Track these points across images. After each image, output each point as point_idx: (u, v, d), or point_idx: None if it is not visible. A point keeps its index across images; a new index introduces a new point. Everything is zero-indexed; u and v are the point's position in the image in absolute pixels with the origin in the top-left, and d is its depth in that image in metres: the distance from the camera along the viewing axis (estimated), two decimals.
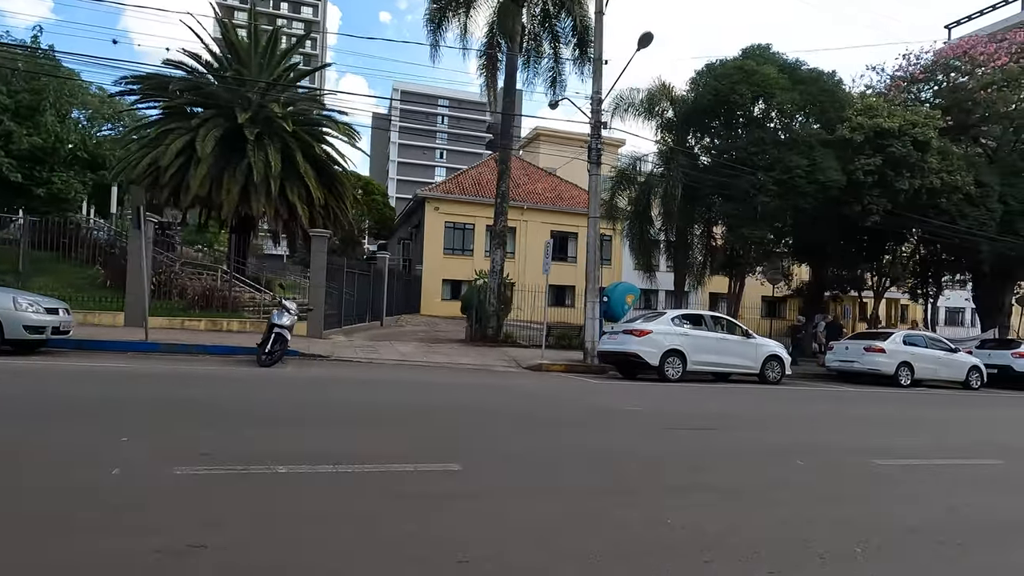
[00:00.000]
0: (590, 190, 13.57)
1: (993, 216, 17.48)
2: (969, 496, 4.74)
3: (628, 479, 4.44)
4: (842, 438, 7.05)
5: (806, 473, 5.12)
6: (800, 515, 3.84)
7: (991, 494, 4.93)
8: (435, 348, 14.30)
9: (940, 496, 4.67)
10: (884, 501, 4.38)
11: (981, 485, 5.25)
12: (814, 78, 15.56)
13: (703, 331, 11.59)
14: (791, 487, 4.58)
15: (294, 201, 18.29)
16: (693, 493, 4.16)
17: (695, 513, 3.67)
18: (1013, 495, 4.95)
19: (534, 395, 8.67)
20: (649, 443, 5.84)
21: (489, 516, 3.43)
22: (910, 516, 4.02)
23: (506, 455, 4.88)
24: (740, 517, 3.68)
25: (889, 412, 9.67)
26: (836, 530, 3.57)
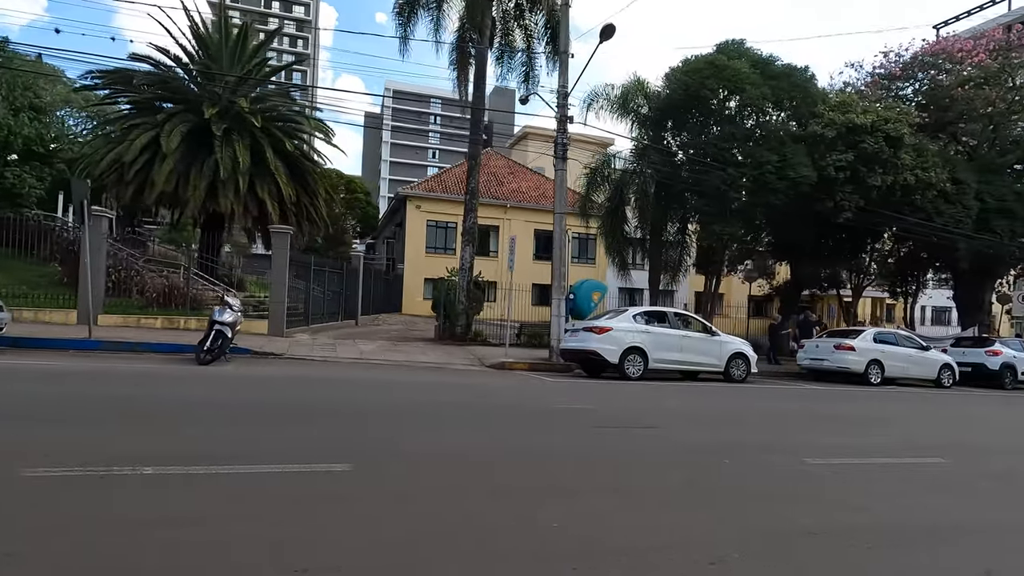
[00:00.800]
0: (556, 186, 13.35)
1: (969, 213, 17.34)
2: (894, 496, 4.53)
3: (531, 480, 4.20)
4: (785, 437, 6.84)
5: (728, 473, 4.90)
6: (696, 518, 3.62)
7: (919, 494, 4.72)
8: (399, 347, 14.04)
9: (861, 497, 4.46)
10: (797, 502, 4.17)
11: (913, 485, 5.04)
12: (786, 73, 15.38)
13: (666, 328, 11.37)
14: (704, 488, 4.35)
15: (264, 198, 18.00)
16: (594, 495, 3.94)
17: (585, 517, 3.45)
18: (941, 495, 4.74)
19: (480, 394, 8.44)
20: (575, 443, 5.61)
21: (356, 519, 3.20)
22: (817, 517, 3.81)
23: (408, 455, 4.64)
24: (630, 520, 3.45)
25: (847, 410, 9.47)
26: (726, 533, 3.35)
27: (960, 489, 4.98)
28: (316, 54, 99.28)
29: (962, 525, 3.92)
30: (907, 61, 20.34)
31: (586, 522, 3.36)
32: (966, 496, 4.80)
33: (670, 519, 3.56)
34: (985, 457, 6.53)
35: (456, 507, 3.47)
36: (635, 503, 3.85)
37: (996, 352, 15.22)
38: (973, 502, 4.60)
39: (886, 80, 20.73)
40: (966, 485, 5.16)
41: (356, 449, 4.66)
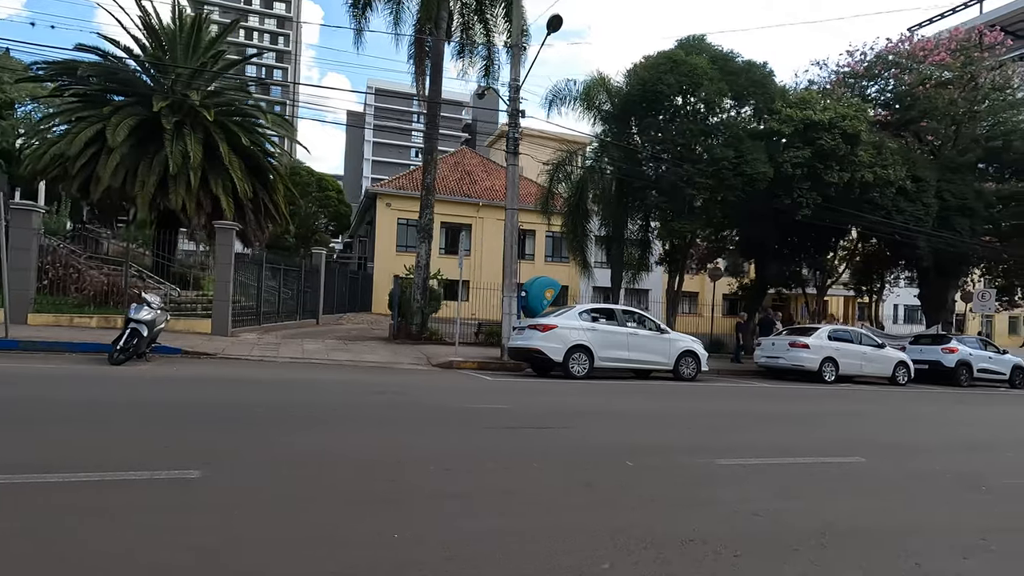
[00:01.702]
0: (507, 181, 13.08)
1: (929, 211, 17.37)
2: (797, 498, 4.31)
3: (404, 484, 3.90)
4: (711, 437, 6.62)
5: (630, 476, 4.65)
6: (578, 523, 3.35)
7: (824, 496, 4.50)
8: (349, 346, 13.68)
9: (762, 499, 4.22)
10: (692, 506, 3.92)
11: (819, 486, 4.82)
12: (745, 69, 15.25)
13: (613, 326, 11.14)
14: (599, 492, 4.07)
15: (218, 194, 17.48)
16: (473, 498, 3.67)
17: (450, 523, 3.17)
18: (848, 496, 4.52)
19: (404, 393, 8.12)
20: (477, 443, 5.32)
21: (166, 530, 2.88)
22: (705, 523, 3.56)
23: (277, 459, 4.31)
24: (504, 525, 3.19)
25: (787, 409, 9.31)
26: (604, 540, 3.09)
27: (870, 489, 4.78)
28: (298, 51, 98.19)
29: (857, 528, 3.70)
30: (872, 60, 20.39)
31: (447, 530, 3.08)
32: (873, 496, 4.60)
33: (548, 524, 3.29)
34: (909, 456, 6.35)
35: (291, 514, 3.17)
36: (516, 508, 3.57)
37: (952, 350, 15.24)
38: (878, 503, 4.39)
39: (852, 79, 20.76)
40: (878, 485, 4.96)
41: (219, 454, 4.33)
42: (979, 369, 15.41)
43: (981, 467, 5.95)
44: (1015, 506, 4.52)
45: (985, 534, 3.79)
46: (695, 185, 14.20)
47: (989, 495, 4.82)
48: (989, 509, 4.38)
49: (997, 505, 4.51)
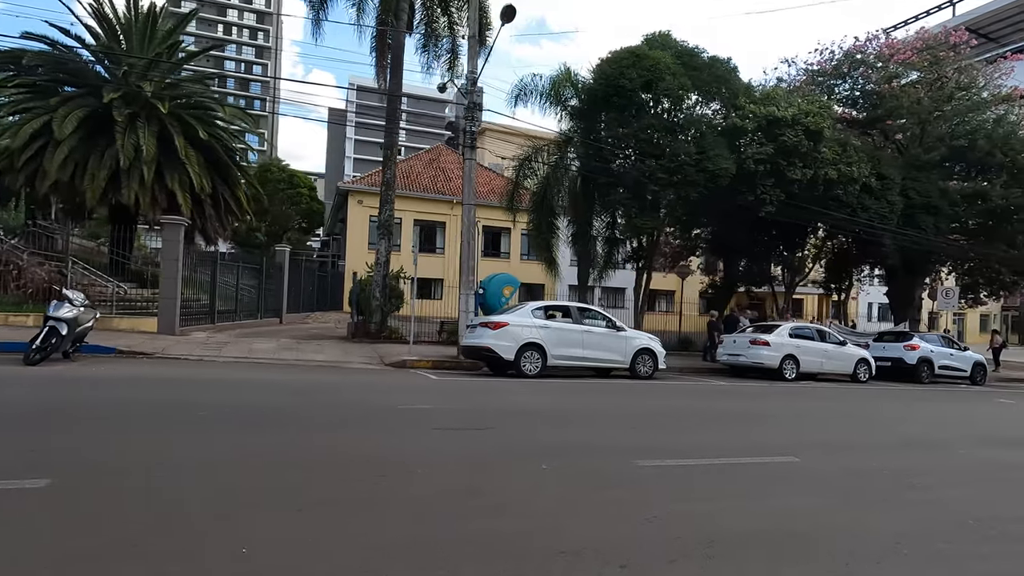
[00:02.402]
0: (464, 176, 12.80)
1: (894, 209, 17.41)
2: (705, 501, 4.09)
3: (264, 490, 3.60)
4: (640, 436, 6.41)
5: (533, 479, 4.39)
6: (444, 531, 3.08)
7: (737, 498, 4.29)
8: (302, 345, 13.30)
9: (667, 503, 4.00)
10: (589, 513, 3.67)
11: (737, 487, 4.62)
12: (708, 64, 15.13)
13: (567, 323, 10.92)
14: (483, 496, 3.82)
15: (174, 188, 16.98)
16: (334, 506, 3.38)
17: (287, 534, 2.87)
18: (758, 499, 4.32)
19: (332, 392, 7.84)
20: (366, 448, 5.03)
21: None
22: (590, 531, 3.32)
23: (143, 465, 3.98)
24: (355, 531, 2.90)
25: (735, 407, 9.16)
26: (467, 553, 2.83)
27: (791, 490, 4.60)
28: (278, 46, 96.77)
29: (756, 533, 3.48)
30: (840, 59, 20.42)
31: (281, 544, 2.78)
32: (791, 497, 4.41)
33: (407, 534, 3.02)
34: (848, 454, 6.18)
35: (117, 522, 2.86)
36: (375, 516, 3.29)
37: (914, 347, 15.28)
38: (795, 504, 4.20)
39: (822, 78, 20.79)
40: (803, 486, 4.78)
41: (81, 461, 3.99)
42: (940, 366, 15.47)
43: (921, 465, 5.82)
44: (942, 507, 4.34)
45: (903, 537, 3.61)
46: (657, 181, 14.04)
47: (920, 495, 4.66)
48: (915, 511, 4.21)
49: (924, 506, 4.34)
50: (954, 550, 3.46)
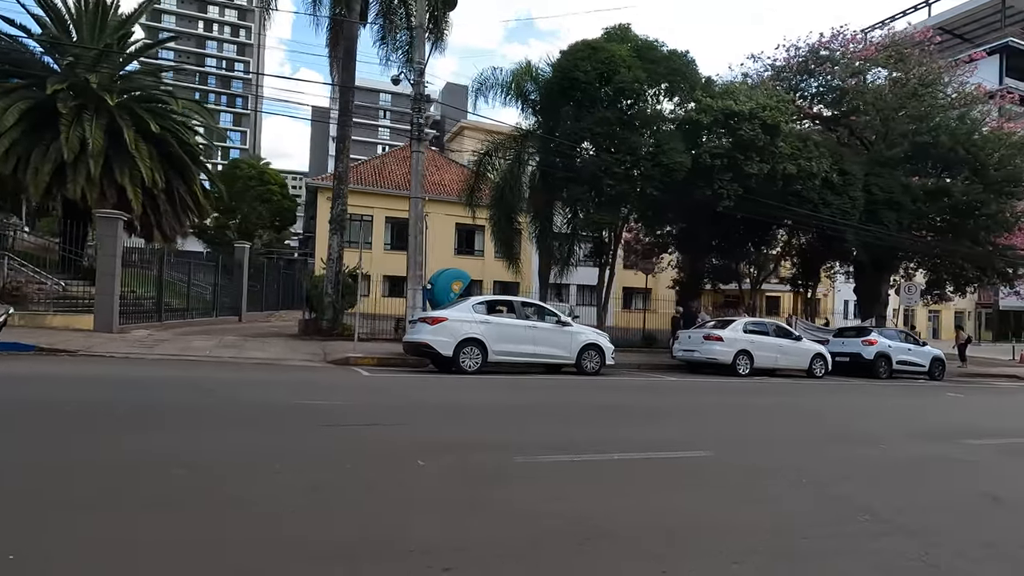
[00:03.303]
0: (412, 169, 12.53)
1: (856, 204, 17.36)
2: (585, 499, 3.87)
3: (102, 493, 3.32)
4: (543, 432, 6.17)
5: (399, 476, 4.16)
6: (234, 537, 2.82)
7: (619, 495, 4.07)
8: (247, 342, 12.95)
9: (540, 501, 3.77)
10: (438, 510, 3.45)
11: (628, 483, 4.41)
12: (665, 57, 14.96)
13: (509, 318, 10.69)
14: (312, 496, 3.56)
15: (124, 183, 16.55)
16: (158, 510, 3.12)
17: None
18: (643, 496, 4.10)
19: (247, 389, 7.55)
20: (245, 445, 4.75)
21: None
22: (433, 532, 3.09)
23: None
24: (152, 534, 2.63)
25: (670, 402, 8.98)
26: (273, 553, 2.57)
27: (685, 485, 4.43)
28: (261, 42, 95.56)
29: (613, 531, 3.27)
30: (805, 54, 20.38)
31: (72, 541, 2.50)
32: (677, 492, 4.26)
33: (210, 536, 2.75)
34: (763, 449, 6.00)
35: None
36: (184, 516, 3.02)
37: (871, 342, 15.23)
38: (680, 500, 4.03)
39: (788, 74, 20.74)
40: (700, 480, 4.61)
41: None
42: (898, 361, 15.44)
43: (836, 460, 5.66)
44: (835, 503, 4.15)
45: (776, 534, 3.42)
46: (613, 175, 13.85)
47: (816, 490, 4.47)
48: (800, 507, 4.03)
49: (812, 502, 4.17)
50: (811, 547, 3.28)
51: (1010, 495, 4.72)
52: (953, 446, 6.73)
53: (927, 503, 4.31)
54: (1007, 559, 3.32)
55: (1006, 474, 5.55)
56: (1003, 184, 18.92)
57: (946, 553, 3.27)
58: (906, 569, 3.03)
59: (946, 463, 5.86)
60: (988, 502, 4.49)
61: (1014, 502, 4.56)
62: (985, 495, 4.68)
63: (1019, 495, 4.84)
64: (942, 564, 3.11)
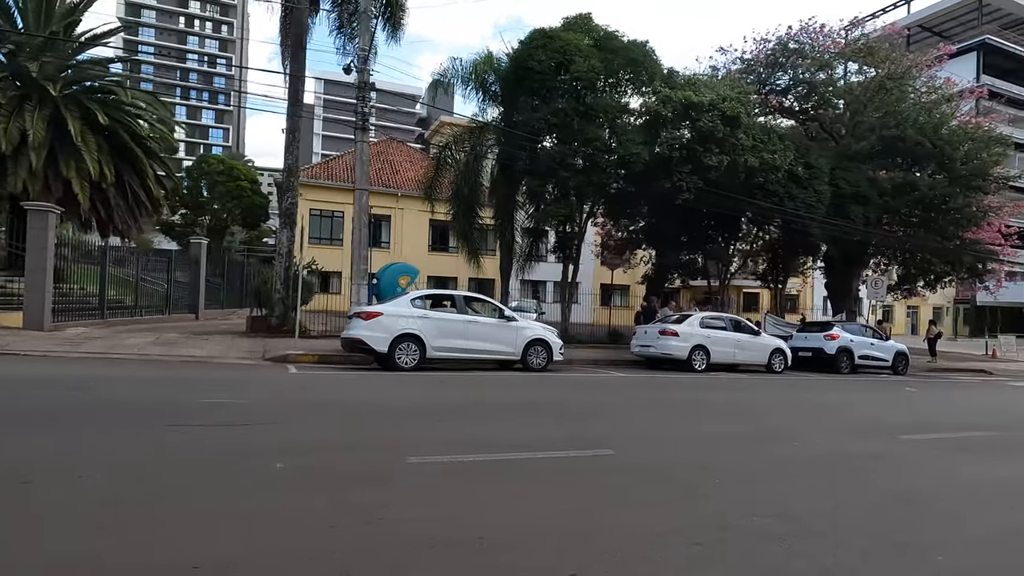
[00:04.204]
0: (356, 160, 12.13)
1: (821, 198, 17.16)
2: (449, 504, 3.57)
3: None
4: (446, 429, 5.84)
5: (245, 480, 3.80)
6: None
7: (495, 498, 3.80)
8: (188, 340, 12.48)
9: (404, 506, 3.45)
10: (272, 520, 3.13)
11: (513, 484, 4.13)
12: (624, 48, 14.64)
13: (449, 313, 10.33)
14: (116, 506, 3.19)
15: (69, 176, 15.98)
16: None
17: None
18: (518, 499, 3.80)
19: (142, 388, 7.14)
20: (91, 445, 4.37)
21: None
22: (245, 545, 2.80)
23: None
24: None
25: (601, 399, 8.67)
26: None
27: (562, 488, 4.10)
28: (244, 37, 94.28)
29: (462, 541, 2.95)
30: (774, 47, 20.17)
31: None
32: (559, 493, 3.97)
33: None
34: (673, 448, 5.71)
35: None
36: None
37: (833, 336, 15.05)
38: (547, 505, 3.69)
39: (758, 67, 20.52)
40: (583, 482, 4.29)
41: None
42: (860, 356, 15.26)
43: (752, 458, 5.38)
44: (722, 505, 3.86)
45: (640, 541, 3.11)
46: (569, 167, 13.52)
47: (718, 491, 4.22)
48: (680, 511, 3.74)
49: (697, 504, 3.88)
50: (683, 554, 2.99)
51: (921, 494, 4.47)
52: (886, 442, 6.49)
53: (832, 504, 4.03)
54: (892, 563, 3.05)
55: (923, 472, 5.28)
56: (969, 178, 18.83)
57: (831, 556, 3.05)
58: (791, 573, 2.80)
59: (869, 460, 5.60)
60: (897, 502, 4.25)
61: (923, 501, 4.31)
62: (896, 495, 4.44)
63: (931, 494, 4.58)
64: (829, 566, 2.89)
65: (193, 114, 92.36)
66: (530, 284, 33.14)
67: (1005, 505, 4.36)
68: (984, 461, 5.79)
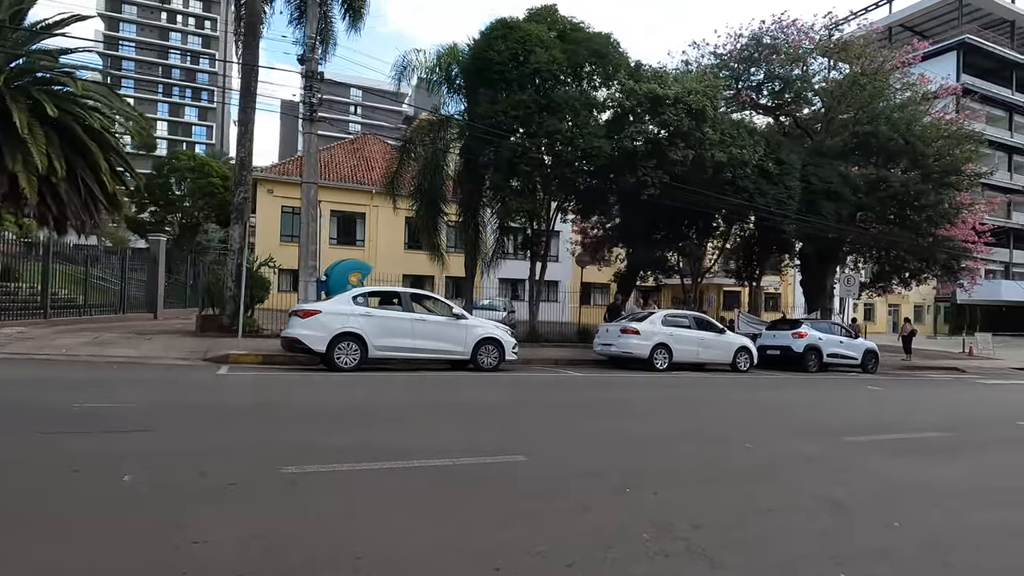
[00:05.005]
0: (304, 152, 11.67)
1: (792, 194, 16.91)
2: (309, 519, 3.20)
3: None
4: (349, 435, 5.43)
5: (94, 489, 3.41)
6: None
7: (366, 512, 3.42)
8: (130, 340, 11.98)
9: (255, 523, 3.03)
10: (85, 540, 2.71)
11: (396, 495, 3.79)
12: (587, 39, 14.28)
13: (395, 311, 9.91)
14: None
15: (15, 171, 15.36)
16: None
17: None
18: (395, 512, 3.46)
19: (39, 390, 6.67)
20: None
21: None
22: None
23: None
24: None
25: (543, 400, 8.32)
26: None
27: (452, 498, 3.79)
28: (228, 31, 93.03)
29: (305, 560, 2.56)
30: (747, 42, 19.92)
31: None
32: (446, 503, 3.67)
33: None
34: (593, 452, 5.32)
35: None
36: None
37: (801, 334, 14.79)
38: (426, 518, 3.34)
39: (732, 62, 20.26)
40: (481, 491, 3.98)
41: None
42: (829, 354, 15.02)
43: (676, 463, 5.05)
44: (626, 518, 3.51)
45: (512, 563, 2.77)
46: (529, 161, 13.14)
47: (625, 499, 3.89)
48: (593, 521, 3.42)
49: (606, 517, 3.53)
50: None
51: (831, 499, 4.15)
52: (826, 444, 6.18)
53: (732, 518, 3.67)
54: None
55: (850, 476, 4.95)
56: (942, 174, 18.68)
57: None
58: None
59: (800, 463, 5.28)
60: (828, 506, 3.97)
61: (854, 507, 4.00)
62: (818, 498, 4.12)
63: (860, 500, 4.25)
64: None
65: (176, 111, 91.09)
66: (508, 283, 32.80)
67: (918, 512, 4.03)
68: (920, 464, 5.48)
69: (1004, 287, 41.07)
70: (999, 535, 3.64)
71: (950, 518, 3.92)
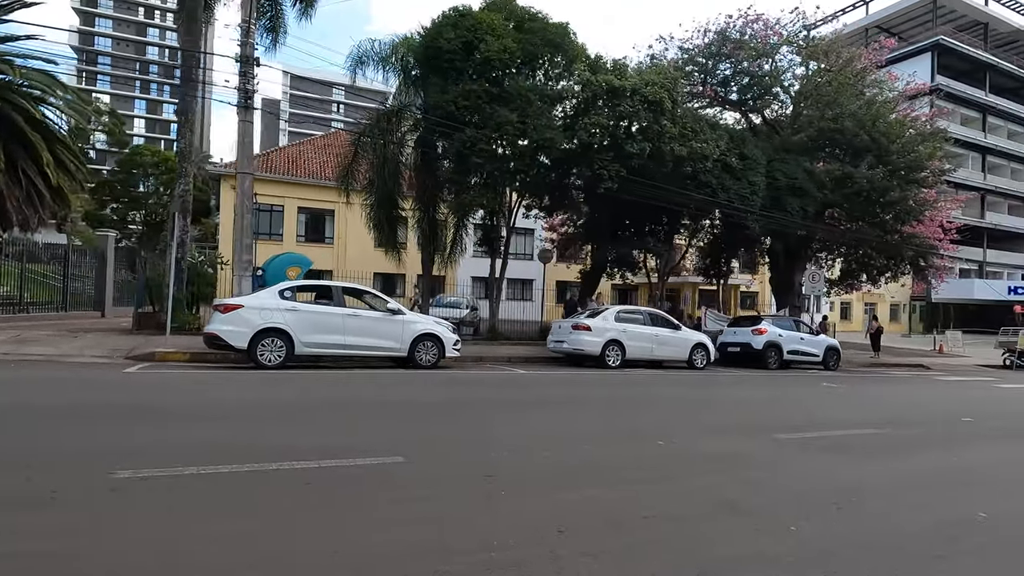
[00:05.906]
0: (238, 141, 11.18)
1: (755, 190, 16.70)
2: (98, 536, 2.77)
3: None
4: (213, 436, 5.03)
5: None
6: None
7: (192, 522, 3.05)
8: (49, 339, 11.38)
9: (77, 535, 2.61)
10: None
11: (236, 502, 3.39)
12: (542, 28, 13.91)
13: (325, 306, 9.46)
14: None
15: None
16: None
17: None
18: (229, 520, 3.09)
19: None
20: None
21: None
22: None
23: None
24: None
25: (464, 397, 7.92)
26: None
27: (300, 503, 3.43)
28: (206, 26, 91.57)
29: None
30: (713, 37, 19.71)
31: None
32: (293, 509, 3.31)
33: None
34: (493, 451, 4.94)
35: None
36: None
37: (761, 331, 14.55)
38: (261, 524, 3.01)
39: (700, 57, 20.05)
40: (342, 497, 3.62)
41: None
42: (790, 351, 14.80)
43: (576, 463, 4.69)
44: (465, 528, 3.15)
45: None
46: (480, 153, 12.75)
47: (503, 504, 3.54)
48: (422, 531, 3.05)
49: (467, 526, 3.18)
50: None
51: (749, 501, 3.83)
52: (754, 441, 5.87)
53: (606, 520, 3.32)
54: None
55: (764, 475, 4.62)
56: (907, 171, 18.60)
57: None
58: None
59: (718, 462, 4.99)
60: (722, 509, 3.67)
61: (749, 509, 3.67)
62: (720, 501, 3.80)
63: (759, 502, 3.92)
64: None
65: (153, 108, 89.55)
66: (482, 281, 32.39)
67: (819, 514, 3.70)
68: (844, 462, 5.19)
69: (976, 286, 41.49)
70: (894, 538, 3.33)
71: (849, 522, 3.59)
